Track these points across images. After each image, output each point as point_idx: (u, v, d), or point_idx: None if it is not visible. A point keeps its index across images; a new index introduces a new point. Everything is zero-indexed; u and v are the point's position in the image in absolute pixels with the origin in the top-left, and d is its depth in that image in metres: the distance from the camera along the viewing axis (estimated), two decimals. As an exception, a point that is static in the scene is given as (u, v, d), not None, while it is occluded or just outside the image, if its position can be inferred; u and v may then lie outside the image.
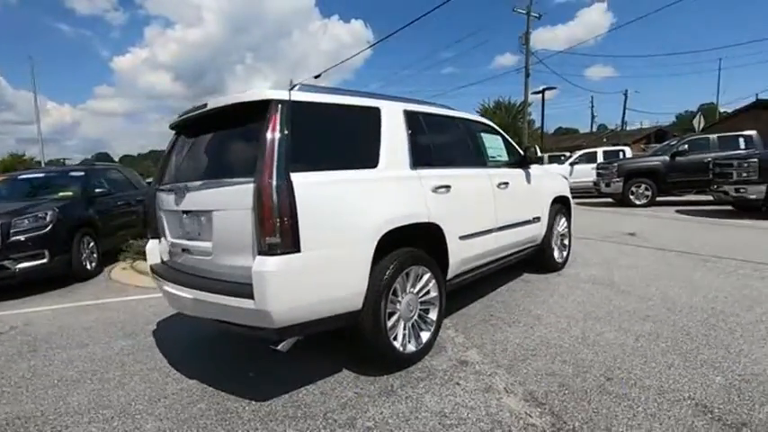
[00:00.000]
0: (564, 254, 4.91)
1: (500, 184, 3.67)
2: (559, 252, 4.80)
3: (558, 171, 10.37)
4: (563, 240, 4.90)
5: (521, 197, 4.05)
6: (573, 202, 5.17)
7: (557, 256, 4.72)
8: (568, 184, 5.29)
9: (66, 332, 3.69)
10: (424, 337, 2.76)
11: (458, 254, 3.07)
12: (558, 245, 4.79)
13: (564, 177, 5.53)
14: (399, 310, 2.61)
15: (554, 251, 4.67)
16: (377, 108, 2.77)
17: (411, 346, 2.66)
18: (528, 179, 4.17)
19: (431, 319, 2.83)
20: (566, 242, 4.96)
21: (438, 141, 3.28)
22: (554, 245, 4.66)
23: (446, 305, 2.98)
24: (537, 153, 4.14)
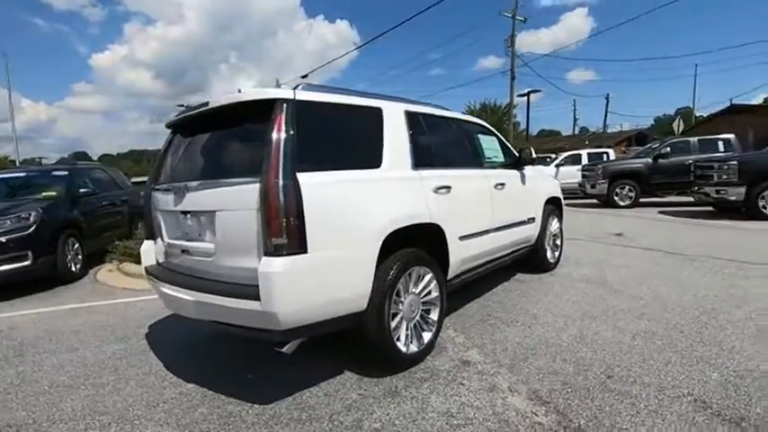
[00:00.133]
0: (556, 254, 4.98)
1: (497, 185, 3.70)
2: (552, 252, 4.87)
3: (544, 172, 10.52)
4: (555, 240, 4.98)
5: (516, 198, 4.09)
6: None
7: (549, 257, 4.79)
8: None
9: (55, 336, 3.58)
10: (426, 337, 2.76)
11: (458, 254, 3.08)
12: (551, 245, 4.85)
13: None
14: (402, 310, 2.60)
15: (547, 251, 4.73)
16: (378, 108, 2.77)
17: (413, 347, 2.66)
18: (523, 180, 4.22)
19: (432, 319, 2.83)
20: (557, 242, 5.03)
21: (437, 142, 3.29)
22: (547, 245, 4.73)
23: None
24: (532, 154, 4.18)
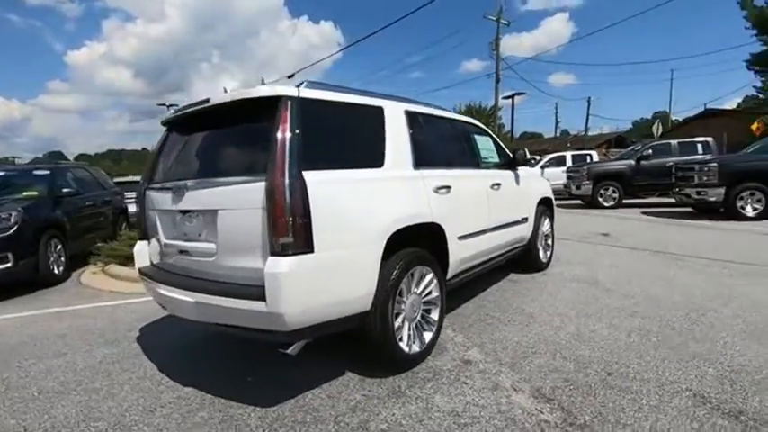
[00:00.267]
0: (548, 254, 5.05)
1: (493, 185, 3.73)
2: (544, 252, 4.93)
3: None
4: (547, 240, 5.04)
5: (511, 198, 4.13)
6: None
7: (542, 256, 4.85)
8: None
9: (40, 341, 3.45)
10: (427, 337, 2.76)
11: (457, 254, 3.09)
12: (543, 245, 4.91)
13: None
14: (404, 310, 2.59)
15: (540, 251, 4.79)
16: (380, 107, 2.76)
17: (416, 347, 2.65)
18: (517, 181, 4.27)
19: (433, 319, 2.83)
20: (549, 242, 5.10)
21: (437, 142, 3.30)
22: (540, 245, 4.78)
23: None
24: (526, 155, 4.24)
